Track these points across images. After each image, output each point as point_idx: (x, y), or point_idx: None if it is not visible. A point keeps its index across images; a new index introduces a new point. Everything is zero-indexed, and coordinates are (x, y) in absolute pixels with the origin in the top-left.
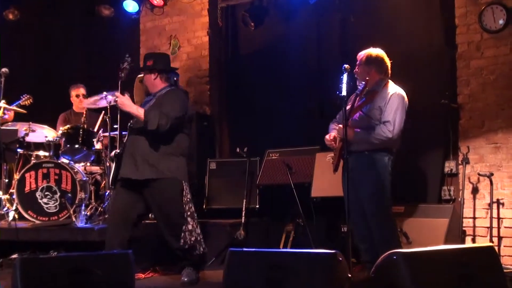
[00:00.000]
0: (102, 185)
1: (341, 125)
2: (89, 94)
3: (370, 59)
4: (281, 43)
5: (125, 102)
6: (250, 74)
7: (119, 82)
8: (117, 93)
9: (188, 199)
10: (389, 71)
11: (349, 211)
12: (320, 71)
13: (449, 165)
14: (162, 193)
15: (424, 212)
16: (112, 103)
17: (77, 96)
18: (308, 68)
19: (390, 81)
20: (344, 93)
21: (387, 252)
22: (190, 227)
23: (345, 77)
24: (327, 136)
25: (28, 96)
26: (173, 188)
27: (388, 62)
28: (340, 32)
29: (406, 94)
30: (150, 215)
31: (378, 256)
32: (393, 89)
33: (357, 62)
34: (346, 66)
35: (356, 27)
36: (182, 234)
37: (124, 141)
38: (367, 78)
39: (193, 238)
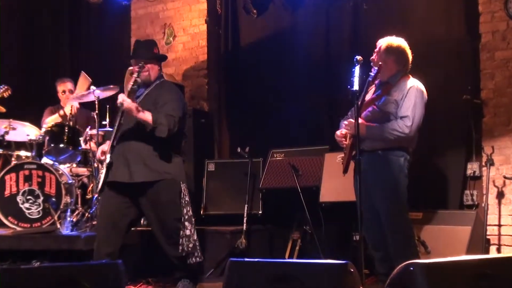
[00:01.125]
0: (90, 188)
1: (352, 120)
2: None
3: (390, 49)
4: (286, 32)
5: (133, 107)
6: (252, 66)
7: (128, 92)
8: (123, 96)
9: (186, 202)
10: (409, 65)
11: (361, 217)
12: (329, 63)
13: (472, 167)
14: (159, 196)
15: (444, 219)
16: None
17: (64, 92)
18: (317, 60)
19: (409, 75)
20: (356, 87)
21: (403, 262)
22: (188, 232)
23: (357, 70)
24: (337, 132)
25: (6, 87)
26: (171, 190)
27: (409, 54)
28: (352, 21)
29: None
30: (142, 221)
31: (393, 266)
32: (412, 82)
33: (376, 49)
34: (358, 57)
35: (369, 15)
36: (180, 240)
37: (112, 140)
38: (385, 71)
39: (190, 245)
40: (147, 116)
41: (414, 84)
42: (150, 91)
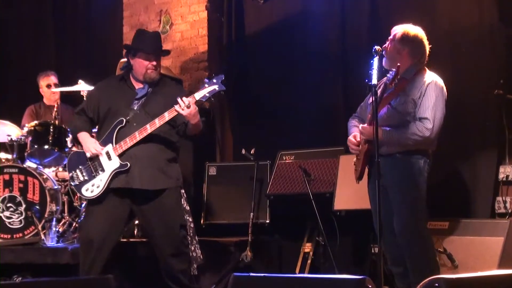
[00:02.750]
0: (77, 195)
1: (364, 125)
2: (61, 83)
3: (406, 38)
4: (297, 19)
5: (197, 114)
6: (259, 58)
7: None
8: (187, 100)
9: (186, 209)
10: (426, 58)
11: (381, 227)
12: (345, 54)
13: (505, 171)
14: (166, 202)
15: (473, 229)
16: (183, 111)
17: (48, 86)
18: (331, 50)
19: (426, 68)
20: (374, 81)
21: (421, 277)
22: (197, 238)
23: (375, 62)
24: (351, 137)
25: None
26: (176, 196)
27: (427, 46)
28: (369, 7)
29: (450, 82)
30: (135, 232)
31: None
32: (430, 77)
33: (390, 37)
34: (376, 48)
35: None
36: (193, 247)
37: (114, 141)
38: (398, 63)
39: (200, 256)
40: (200, 122)
41: (432, 79)
42: (155, 88)
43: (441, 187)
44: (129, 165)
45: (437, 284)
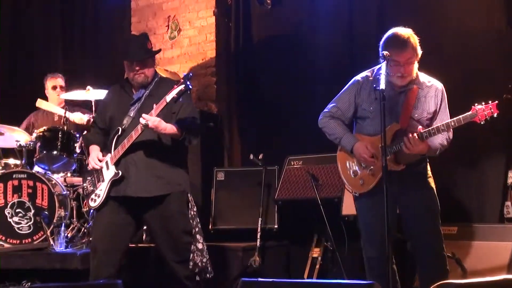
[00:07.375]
0: (86, 200)
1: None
2: (69, 89)
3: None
4: (304, 25)
5: (161, 125)
6: (267, 63)
7: (156, 107)
8: (147, 116)
9: (194, 213)
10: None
11: (389, 234)
12: (353, 59)
13: None
14: (168, 208)
15: (481, 234)
16: (141, 128)
17: (54, 88)
18: (339, 55)
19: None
20: (382, 86)
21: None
22: (200, 245)
23: (383, 67)
24: (365, 156)
25: None
26: (180, 202)
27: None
28: (377, 12)
29: (459, 87)
30: (144, 237)
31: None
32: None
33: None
34: (384, 53)
35: (397, 3)
36: (191, 255)
37: (113, 149)
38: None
39: (204, 260)
40: (174, 128)
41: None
42: (151, 91)
43: (450, 192)
44: (120, 173)
45: None
